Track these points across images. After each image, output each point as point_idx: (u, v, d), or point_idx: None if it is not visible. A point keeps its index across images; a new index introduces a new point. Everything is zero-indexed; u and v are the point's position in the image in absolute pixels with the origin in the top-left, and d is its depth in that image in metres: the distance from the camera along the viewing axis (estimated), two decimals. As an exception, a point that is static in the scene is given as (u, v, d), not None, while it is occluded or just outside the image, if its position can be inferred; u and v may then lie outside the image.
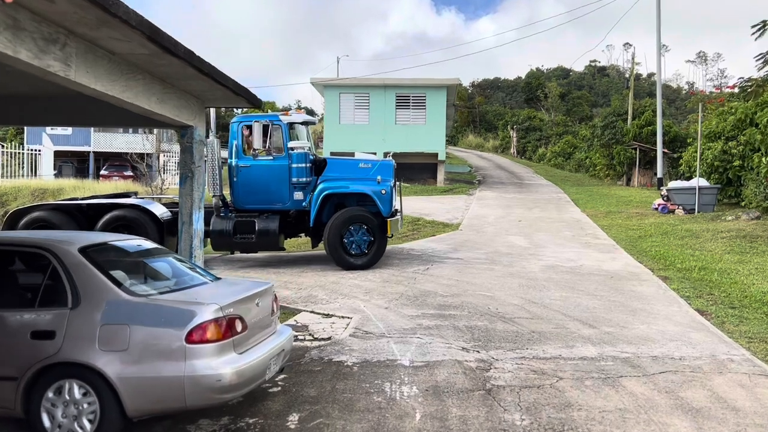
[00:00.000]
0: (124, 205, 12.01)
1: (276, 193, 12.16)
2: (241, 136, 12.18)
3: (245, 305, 4.91)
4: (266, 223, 11.89)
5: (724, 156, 21.27)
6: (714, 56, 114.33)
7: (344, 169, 12.70)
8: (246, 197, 12.17)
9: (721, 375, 6.06)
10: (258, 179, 12.08)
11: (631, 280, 10.75)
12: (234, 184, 12.18)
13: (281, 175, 12.12)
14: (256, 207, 12.16)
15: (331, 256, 11.96)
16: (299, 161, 12.18)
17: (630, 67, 47.14)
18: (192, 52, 5.35)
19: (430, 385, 5.75)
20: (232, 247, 12.24)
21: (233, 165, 12.17)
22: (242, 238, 11.84)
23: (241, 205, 12.20)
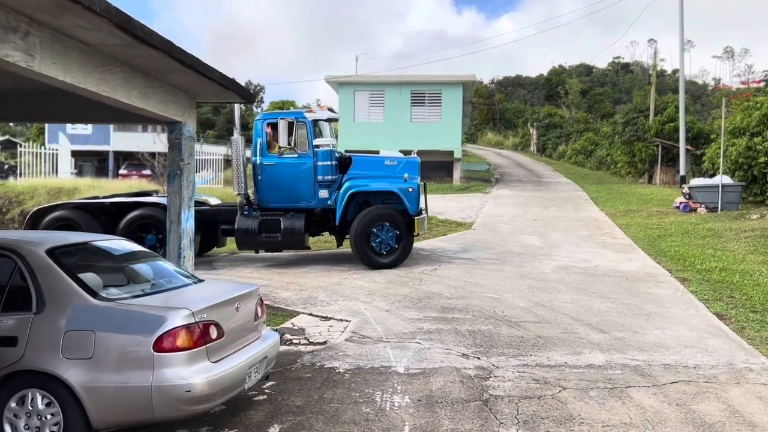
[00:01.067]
0: (147, 204, 11.91)
1: (301, 191, 11.99)
2: (265, 133, 11.99)
3: (222, 310, 4.63)
4: (292, 221, 11.73)
5: (749, 152, 20.54)
6: (741, 52, 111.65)
7: (369, 166, 12.47)
8: (271, 195, 11.99)
9: (738, 386, 5.63)
10: (283, 177, 11.91)
11: (647, 281, 10.29)
12: (258, 183, 12.01)
13: (306, 173, 11.94)
14: (280, 205, 11.98)
15: (358, 254, 11.76)
16: (325, 159, 11.99)
17: (653, 63, 46.17)
18: (171, 43, 5.08)
19: (423, 395, 5.42)
20: (257, 246, 12.07)
21: (257, 163, 11.97)
22: (268, 237, 11.69)
23: (266, 204, 12.02)
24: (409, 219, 11.79)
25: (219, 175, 32.35)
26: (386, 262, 11.69)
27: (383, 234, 11.77)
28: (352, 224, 11.74)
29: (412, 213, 11.79)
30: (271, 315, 8.21)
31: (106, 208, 11.90)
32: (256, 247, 12.09)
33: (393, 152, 13.19)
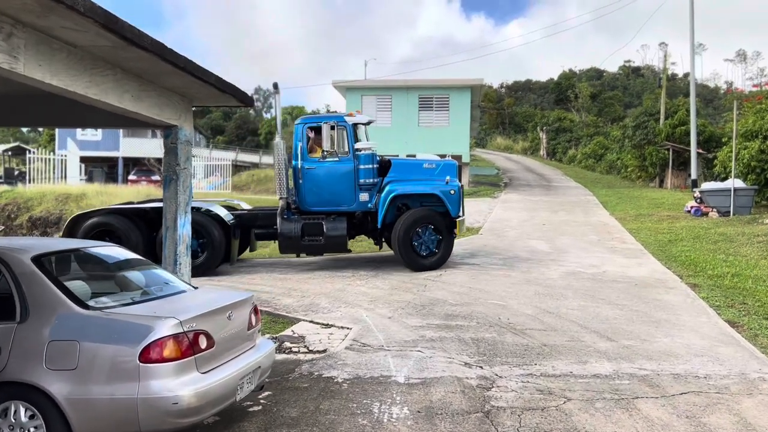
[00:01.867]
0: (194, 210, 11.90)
1: (342, 194, 12.04)
2: (305, 137, 12.03)
3: (213, 319, 4.49)
4: (334, 224, 11.81)
5: (762, 156, 20.23)
6: (753, 55, 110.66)
7: (409, 170, 12.58)
8: (312, 199, 12.05)
9: (750, 397, 5.41)
10: (324, 181, 11.98)
11: (657, 287, 10.06)
12: (299, 186, 12.05)
13: (347, 176, 12.01)
14: (321, 209, 12.05)
15: (401, 256, 11.85)
16: (366, 162, 12.09)
17: (663, 66, 45.78)
18: (162, 45, 4.96)
19: (423, 406, 5.24)
20: (299, 250, 12.12)
21: (299, 167, 12.00)
22: (311, 241, 11.78)
23: (307, 207, 12.07)
24: (450, 221, 11.96)
25: (227, 180, 32.37)
26: (428, 263, 11.81)
27: (425, 236, 11.88)
28: (395, 226, 11.83)
29: (454, 215, 11.98)
30: (272, 322, 8.09)
31: (146, 212, 11.86)
32: (299, 251, 12.15)
33: (430, 155, 13.32)
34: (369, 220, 12.28)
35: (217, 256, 11.76)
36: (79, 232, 11.53)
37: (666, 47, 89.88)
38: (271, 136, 70.06)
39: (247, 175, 37.20)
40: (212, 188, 31.16)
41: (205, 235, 11.55)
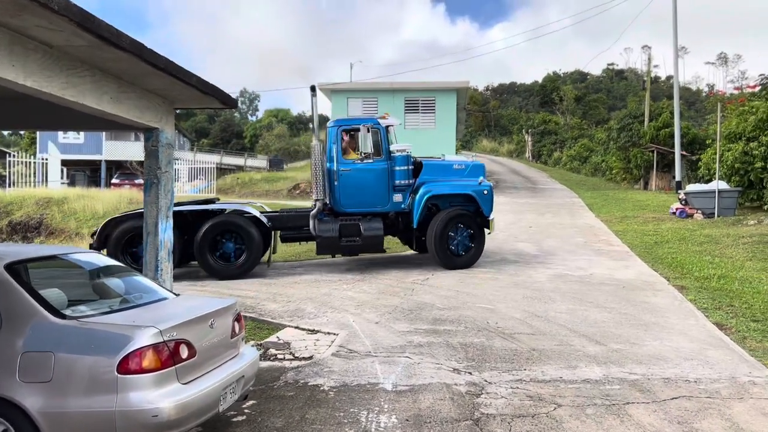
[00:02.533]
0: (227, 211, 12.00)
1: (376, 195, 12.22)
2: (340, 139, 12.17)
3: (195, 327, 4.34)
4: (370, 225, 12.02)
5: (745, 157, 20.38)
6: (734, 58, 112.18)
7: (440, 171, 12.83)
8: (347, 201, 12.19)
9: (741, 401, 5.36)
10: (359, 182, 12.13)
11: (644, 290, 10.03)
12: (335, 188, 12.17)
13: (382, 177, 12.21)
14: (356, 210, 12.21)
15: (437, 255, 12.09)
16: (402, 164, 12.33)
17: (647, 69, 46.12)
18: (141, 45, 4.82)
19: (411, 414, 5.13)
20: (337, 251, 12.32)
21: (334, 169, 12.12)
22: (348, 241, 11.99)
23: (342, 209, 12.20)
24: (483, 220, 12.39)
25: (212, 183, 32.08)
26: (462, 262, 12.15)
27: (459, 235, 12.20)
28: (431, 226, 12.06)
29: (487, 214, 12.39)
30: (257, 329, 7.94)
31: (183, 215, 11.71)
32: (337, 251, 12.34)
33: (458, 156, 13.70)
34: (399, 221, 12.55)
35: (257, 258, 11.89)
36: (113, 237, 11.39)
37: (649, 50, 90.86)
38: (255, 138, 69.81)
39: (231, 178, 36.91)
40: (196, 191, 30.85)
41: (245, 237, 11.69)
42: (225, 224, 11.72)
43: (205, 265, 11.62)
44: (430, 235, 12.03)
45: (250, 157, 55.49)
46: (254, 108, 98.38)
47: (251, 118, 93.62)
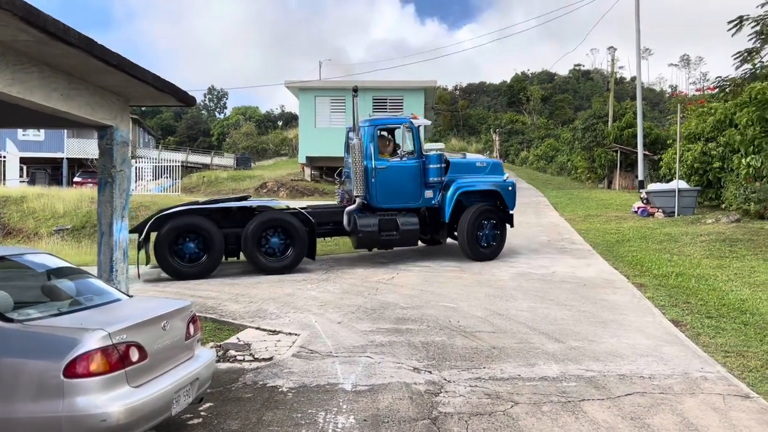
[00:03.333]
0: (274, 208, 12.41)
1: (410, 192, 12.88)
2: (376, 138, 12.74)
3: (146, 329, 4.26)
4: (407, 219, 12.70)
5: (704, 157, 20.92)
6: (696, 60, 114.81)
7: (465, 168, 13.63)
8: (383, 197, 12.76)
9: (693, 396, 5.48)
10: (394, 179, 12.73)
11: (604, 287, 10.20)
12: (371, 185, 12.69)
13: (415, 174, 12.86)
14: (391, 206, 12.80)
15: (468, 249, 12.86)
16: (436, 162, 13.00)
17: (611, 70, 46.99)
18: (91, 41, 4.70)
19: (369, 414, 5.12)
20: (376, 245, 12.83)
21: (371, 167, 12.66)
22: (387, 236, 12.57)
23: (378, 205, 12.76)
24: (506, 214, 13.32)
25: (177, 182, 31.59)
26: (489, 254, 12.99)
27: (487, 229, 13.06)
28: (461, 220, 12.87)
29: (510, 209, 13.35)
30: (217, 330, 7.84)
31: (232, 212, 12.04)
32: (375, 245, 12.84)
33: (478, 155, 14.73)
34: (427, 216, 13.24)
35: (303, 253, 12.13)
36: (163, 232, 11.29)
37: (614, 51, 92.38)
38: (222, 136, 68.99)
39: (197, 177, 36.44)
40: (160, 190, 30.36)
41: (292, 232, 11.98)
42: (274, 220, 12.00)
43: (254, 260, 11.81)
44: (462, 229, 12.84)
45: (216, 155, 54.89)
46: (222, 105, 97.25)
47: (219, 115, 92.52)
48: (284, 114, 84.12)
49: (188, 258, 11.45)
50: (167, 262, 11.26)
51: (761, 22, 13.08)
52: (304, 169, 32.22)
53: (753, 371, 6.18)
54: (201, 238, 11.44)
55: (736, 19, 13.41)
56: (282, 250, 11.97)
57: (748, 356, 6.64)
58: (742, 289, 9.87)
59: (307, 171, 32.02)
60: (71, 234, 20.24)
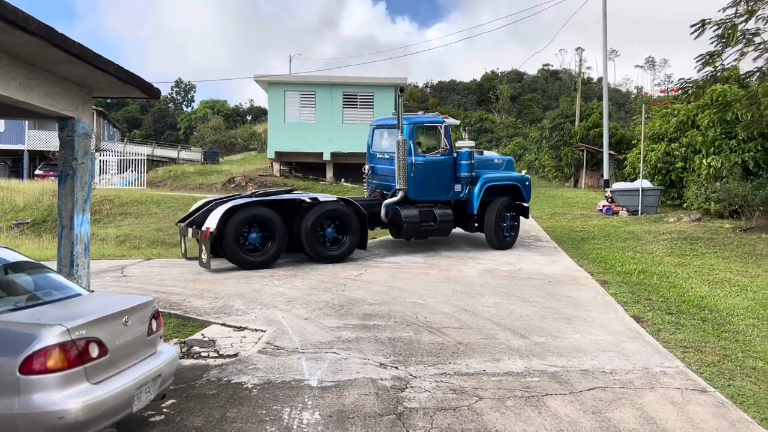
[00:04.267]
0: (334, 200, 12.92)
1: (442, 185, 13.92)
2: (415, 136, 13.66)
3: (107, 325, 4.18)
4: (443, 211, 13.71)
5: (667, 158, 21.36)
6: (661, 62, 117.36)
7: (484, 165, 14.75)
8: (420, 190, 13.66)
9: (652, 391, 5.61)
10: (430, 174, 13.71)
11: (569, 284, 10.36)
12: (411, 179, 13.53)
13: (448, 169, 13.91)
14: (427, 198, 13.73)
15: (495, 239, 14.13)
16: (467, 158, 14.00)
17: (579, 70, 47.69)
18: (51, 29, 4.58)
19: (335, 410, 5.11)
20: (417, 234, 13.74)
21: (412, 162, 13.54)
22: (427, 226, 13.49)
23: (416, 197, 13.64)
24: (523, 207, 14.82)
25: (143, 176, 31.03)
26: (510, 242, 14.46)
27: (507, 221, 14.36)
28: (488, 212, 14.07)
29: (527, 202, 14.86)
30: (181, 326, 7.73)
31: (296, 203, 12.55)
32: (416, 234, 13.76)
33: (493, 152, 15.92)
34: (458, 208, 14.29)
35: (356, 242, 12.83)
36: (232, 223, 11.39)
37: (582, 52, 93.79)
38: (190, 130, 67.93)
39: (163, 171, 35.86)
40: (125, 184, 29.79)
41: (347, 222, 12.65)
42: (333, 211, 12.55)
43: (314, 249, 12.31)
44: (490, 221, 14.05)
45: (183, 149, 54.09)
46: (190, 99, 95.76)
47: (186, 109, 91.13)
48: (253, 108, 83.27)
49: (253, 248, 11.85)
50: (235, 252, 11.54)
51: (722, 26, 13.39)
52: (273, 164, 31.96)
53: (710, 366, 6.35)
54: (269, 230, 11.85)
55: (699, 22, 13.70)
56: (336, 239, 12.66)
57: (705, 351, 6.83)
58: (702, 286, 10.13)
59: (276, 166, 31.77)
60: (31, 228, 19.75)
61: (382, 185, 14.29)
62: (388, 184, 14.00)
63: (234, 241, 11.43)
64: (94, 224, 18.60)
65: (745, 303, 9.03)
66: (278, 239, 11.86)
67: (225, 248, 11.42)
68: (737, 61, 14.51)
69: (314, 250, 12.28)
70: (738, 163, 17.66)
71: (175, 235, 17.03)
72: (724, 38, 13.44)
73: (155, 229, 17.83)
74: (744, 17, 13.21)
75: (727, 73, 17.15)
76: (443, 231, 13.87)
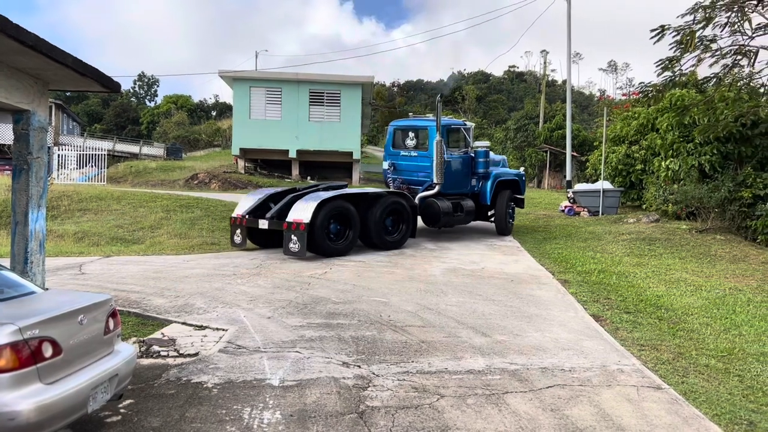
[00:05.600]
0: (395, 193, 14.32)
1: (464, 180, 15.90)
2: (446, 137, 15.25)
3: (61, 324, 4.07)
4: (467, 203, 15.61)
5: (628, 160, 21.84)
6: (623, 65, 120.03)
7: (492, 163, 16.61)
8: (449, 184, 15.27)
9: (609, 388, 5.73)
10: (457, 170, 15.58)
11: (531, 283, 10.51)
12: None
13: (468, 166, 15.93)
14: (453, 192, 15.48)
15: (504, 226, 16.45)
16: (484, 156, 16.01)
17: (543, 73, 48.35)
18: (5, 18, 4.44)
19: (296, 409, 5.08)
20: (449, 223, 15.40)
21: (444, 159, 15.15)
22: (456, 216, 15.31)
23: (446, 191, 15.19)
24: (518, 199, 17.04)
25: (103, 171, 30.35)
26: (510, 228, 16.80)
27: (510, 210, 16.68)
28: (498, 203, 16.29)
29: (522, 195, 17.18)
30: (140, 325, 7.59)
31: (369, 197, 13.82)
32: (449, 224, 15.41)
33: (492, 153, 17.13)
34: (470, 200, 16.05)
35: (410, 231, 14.42)
36: (321, 215, 12.46)
37: (547, 54, 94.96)
38: (153, 125, 66.67)
39: (124, 166, 35.12)
40: (85, 180, 29.08)
41: (404, 213, 14.16)
42: (395, 203, 13.93)
43: (380, 237, 13.70)
44: (501, 211, 16.30)
45: (146, 144, 53.07)
46: (153, 93, 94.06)
47: (149, 103, 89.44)
48: (218, 104, 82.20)
49: (333, 237, 12.94)
50: (323, 242, 12.55)
51: (681, 32, 13.73)
52: (238, 161, 31.62)
53: (665, 363, 6.51)
54: (345, 220, 13.05)
55: (658, 28, 14.01)
56: (394, 228, 14.13)
57: (661, 349, 7.00)
58: (659, 285, 10.39)
59: (241, 163, 31.44)
60: (-15, 223, 19.09)
61: (408, 180, 15.78)
62: (415, 178, 15.61)
63: (322, 232, 12.48)
64: (51, 220, 18.11)
65: (699, 302, 9.30)
66: (355, 229, 13.14)
67: (314, 239, 12.40)
68: (695, 67, 14.88)
69: (380, 238, 13.70)
70: (695, 166, 18.15)
71: (135, 233, 16.71)
72: (683, 44, 13.78)
73: (115, 226, 17.44)
74: (701, 24, 13.57)
75: (686, 78, 17.60)
76: (467, 220, 15.75)
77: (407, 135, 15.93)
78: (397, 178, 15.94)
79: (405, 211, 14.14)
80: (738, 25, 13.43)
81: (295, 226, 12.20)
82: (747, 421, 5.12)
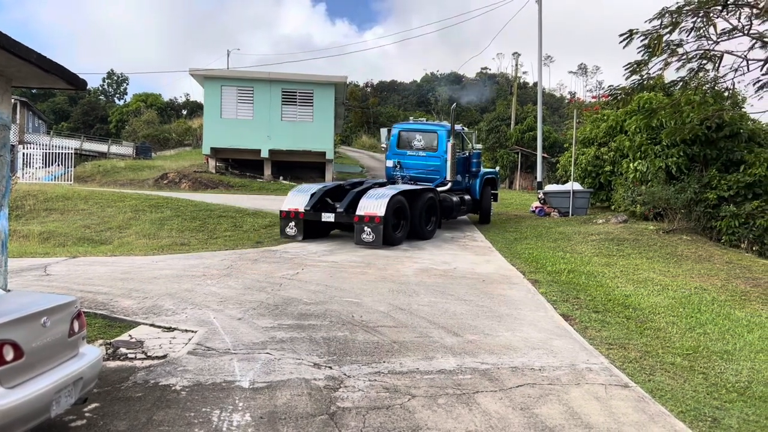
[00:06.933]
0: (430, 189, 16.12)
1: (462, 178, 18.14)
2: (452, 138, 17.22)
3: (23, 326, 3.97)
4: (468, 197, 18.20)
5: (597, 161, 22.15)
6: (593, 69, 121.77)
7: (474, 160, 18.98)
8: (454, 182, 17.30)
9: (578, 387, 5.80)
10: (459, 169, 17.70)
11: (502, 283, 10.59)
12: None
13: (465, 165, 18.26)
14: (455, 188, 17.46)
15: (485, 216, 19.39)
16: (476, 157, 18.81)
17: (515, 75, 48.82)
18: (-35, 13, 4.30)
19: (266, 411, 5.04)
20: (457, 215, 17.75)
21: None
22: (462, 208, 17.70)
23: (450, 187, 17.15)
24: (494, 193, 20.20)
25: (70, 171, 29.73)
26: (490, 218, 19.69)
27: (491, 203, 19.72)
28: (484, 197, 18.97)
29: (497, 190, 20.77)
30: (107, 327, 7.44)
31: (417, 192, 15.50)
32: (457, 215, 17.76)
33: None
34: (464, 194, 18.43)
35: (439, 223, 16.45)
36: (391, 211, 14.09)
37: (518, 57, 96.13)
38: (122, 124, 65.55)
39: (92, 166, 34.45)
40: (51, 179, 28.45)
41: (435, 207, 16.02)
42: (431, 199, 15.80)
43: (421, 228, 15.39)
44: (486, 204, 19.09)
45: (114, 143, 52.18)
46: (122, 92, 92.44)
47: (118, 102, 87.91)
48: (189, 103, 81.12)
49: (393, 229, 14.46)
50: (391, 233, 14.22)
51: (649, 36, 13.96)
52: (209, 160, 31.25)
53: (633, 362, 6.62)
54: (402, 213, 14.65)
55: (627, 32, 14.22)
56: (429, 220, 15.81)
57: (629, 348, 7.11)
58: (627, 285, 10.56)
59: (212, 163, 31.09)
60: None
61: (415, 176, 17.39)
62: (423, 176, 17.30)
63: (389, 224, 14.06)
64: (15, 220, 17.68)
65: (666, 302, 9.47)
66: (408, 220, 14.83)
67: (385, 232, 13.95)
68: (662, 71, 15.13)
69: (421, 228, 15.33)
70: (662, 167, 18.50)
71: (102, 233, 16.41)
72: (650, 48, 14.00)
73: (82, 226, 17.10)
74: (668, 29, 13.81)
75: (653, 81, 17.93)
76: (467, 212, 18.53)
77: (414, 137, 17.76)
78: (405, 174, 17.47)
79: (435, 205, 15.96)
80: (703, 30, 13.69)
81: (368, 218, 13.89)
82: (711, 418, 5.23)
